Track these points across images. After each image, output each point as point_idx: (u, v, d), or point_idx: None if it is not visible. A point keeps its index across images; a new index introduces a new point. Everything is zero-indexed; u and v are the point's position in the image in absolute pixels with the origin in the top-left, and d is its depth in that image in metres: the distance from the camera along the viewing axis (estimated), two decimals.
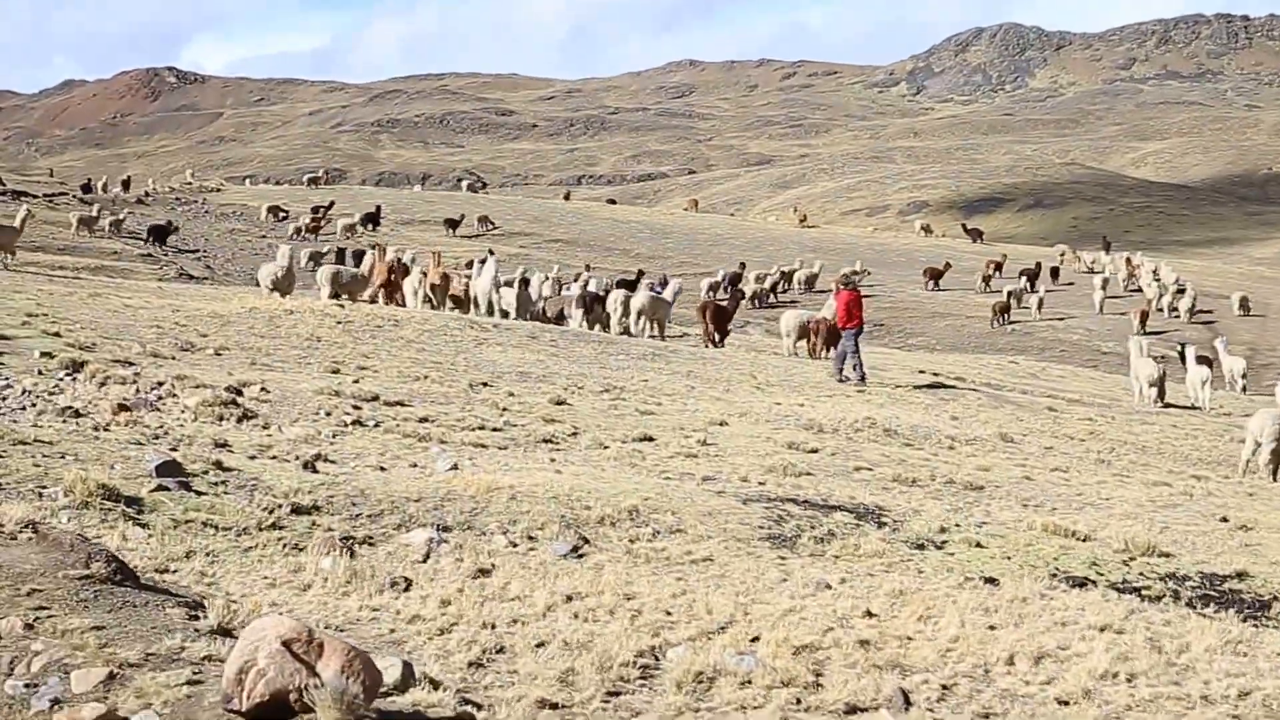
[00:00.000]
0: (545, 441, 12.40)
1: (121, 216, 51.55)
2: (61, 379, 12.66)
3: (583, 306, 30.87)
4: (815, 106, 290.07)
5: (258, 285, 29.22)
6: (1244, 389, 33.56)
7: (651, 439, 13.13)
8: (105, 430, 9.92)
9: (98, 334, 16.62)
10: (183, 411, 11.32)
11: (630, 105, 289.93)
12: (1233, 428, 23.34)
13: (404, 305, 27.95)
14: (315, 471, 9.27)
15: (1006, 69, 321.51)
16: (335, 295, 26.36)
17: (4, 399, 11.22)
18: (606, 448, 12.36)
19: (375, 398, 13.54)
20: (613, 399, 16.23)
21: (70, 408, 10.66)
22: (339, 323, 21.01)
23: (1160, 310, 50.90)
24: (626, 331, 28.97)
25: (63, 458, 8.57)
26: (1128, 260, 66.17)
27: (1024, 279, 54.62)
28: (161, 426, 10.46)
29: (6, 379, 12.23)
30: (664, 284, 37.58)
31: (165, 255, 45.93)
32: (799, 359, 27.73)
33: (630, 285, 35.54)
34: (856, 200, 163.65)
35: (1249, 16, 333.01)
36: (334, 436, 11.23)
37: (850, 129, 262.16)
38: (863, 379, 22.55)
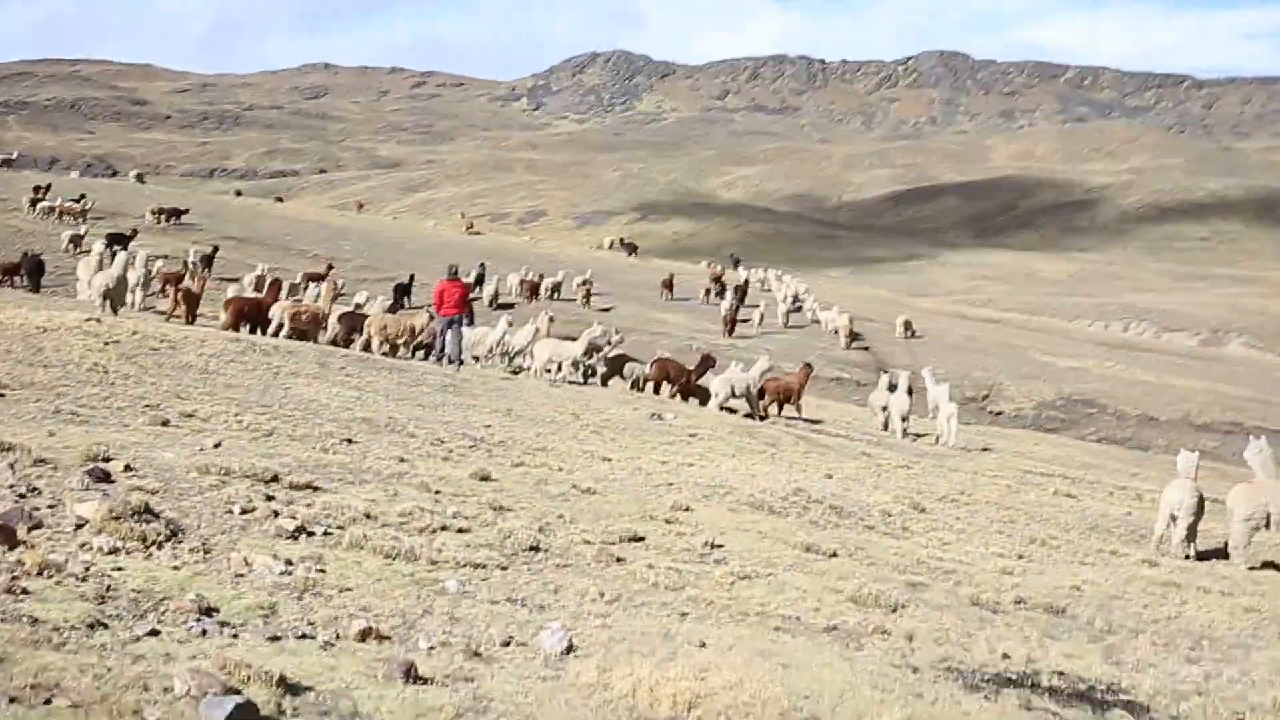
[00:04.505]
0: (533, 549, 8.81)
1: None
2: None
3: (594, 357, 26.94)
4: (442, 115, 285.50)
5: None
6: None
7: (641, 538, 9.81)
8: (24, 592, 5.77)
9: None
10: (79, 527, 7.15)
11: (265, 103, 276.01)
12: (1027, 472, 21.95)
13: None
14: (419, 681, 5.48)
15: (618, 92, 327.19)
16: None
17: None
18: (621, 560, 8.93)
19: (275, 478, 9.49)
20: (512, 464, 12.72)
21: None
22: (107, 344, 16.40)
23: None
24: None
25: (35, 691, 4.54)
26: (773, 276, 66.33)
27: (733, 294, 51.84)
28: (90, 568, 6.32)
29: None
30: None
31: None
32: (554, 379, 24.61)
33: (405, 289, 31.46)
34: (481, 207, 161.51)
35: (825, 60, 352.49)
36: (318, 563, 7.32)
37: (474, 139, 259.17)
38: (454, 362, 23.45)
